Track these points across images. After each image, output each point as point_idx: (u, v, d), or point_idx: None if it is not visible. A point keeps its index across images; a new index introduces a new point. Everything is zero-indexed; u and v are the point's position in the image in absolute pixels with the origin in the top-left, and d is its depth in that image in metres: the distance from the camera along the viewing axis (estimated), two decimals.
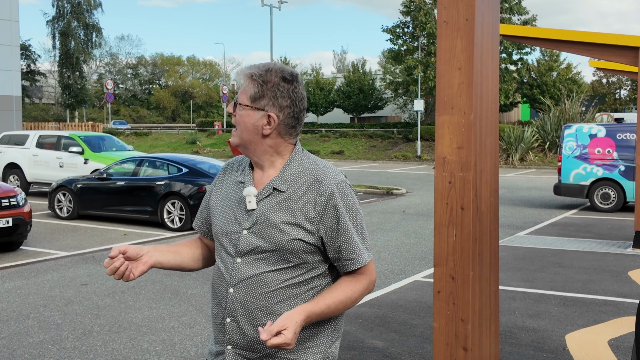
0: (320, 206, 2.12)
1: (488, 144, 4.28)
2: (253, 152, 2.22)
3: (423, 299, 7.48)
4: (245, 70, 2.20)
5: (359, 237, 2.19)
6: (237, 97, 2.21)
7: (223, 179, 2.38)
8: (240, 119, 2.19)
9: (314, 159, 2.25)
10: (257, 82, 2.16)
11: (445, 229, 4.13)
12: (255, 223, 2.15)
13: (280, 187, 2.15)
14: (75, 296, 7.75)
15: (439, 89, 4.15)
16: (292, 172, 2.18)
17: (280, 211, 2.13)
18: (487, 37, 4.24)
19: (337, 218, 2.12)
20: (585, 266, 9.22)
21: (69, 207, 14.07)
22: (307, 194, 2.14)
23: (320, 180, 2.15)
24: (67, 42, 49.09)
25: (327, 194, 2.12)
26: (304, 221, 2.11)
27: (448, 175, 4.10)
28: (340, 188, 2.15)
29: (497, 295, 4.56)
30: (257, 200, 2.17)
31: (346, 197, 2.16)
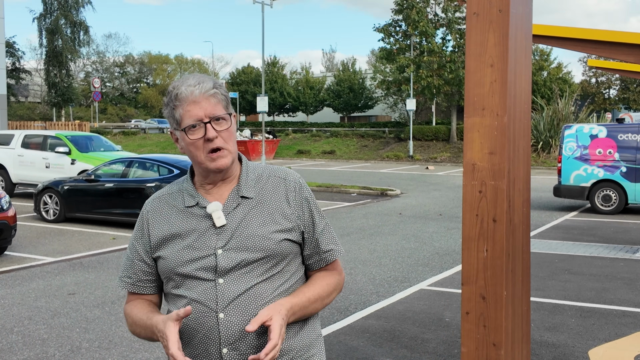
0: (294, 201, 2.09)
1: (521, 149, 3.89)
2: (233, 166, 2.11)
3: (432, 309, 7.08)
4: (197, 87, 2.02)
5: (332, 228, 2.21)
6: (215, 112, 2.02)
7: (156, 216, 2.13)
8: (230, 131, 2.06)
9: (260, 164, 2.22)
10: (217, 91, 2.06)
11: (475, 243, 3.74)
12: (231, 238, 2.00)
13: (248, 194, 2.06)
14: (62, 307, 7.30)
15: (468, 88, 3.75)
16: (252, 177, 2.12)
17: (257, 217, 2.04)
18: (521, 30, 3.84)
19: (310, 210, 2.12)
20: (596, 273, 8.87)
21: (56, 209, 13.59)
22: (277, 193, 2.09)
23: (284, 177, 2.13)
24: (54, 39, 48.33)
25: (297, 188, 2.12)
26: (284, 220, 2.05)
27: (478, 183, 3.71)
28: (303, 182, 2.18)
29: (528, 315, 4.17)
30: (225, 214, 2.02)
31: (309, 191, 2.18)
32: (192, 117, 1.97)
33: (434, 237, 11.91)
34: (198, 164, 2.02)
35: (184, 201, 2.07)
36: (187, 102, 1.97)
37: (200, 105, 1.97)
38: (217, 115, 2.00)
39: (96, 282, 8.47)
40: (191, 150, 2.00)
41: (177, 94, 1.99)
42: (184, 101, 1.98)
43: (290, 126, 49.66)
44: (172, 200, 2.11)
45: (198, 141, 1.98)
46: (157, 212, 2.12)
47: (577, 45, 7.88)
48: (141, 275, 2.13)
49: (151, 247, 2.09)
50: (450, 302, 7.40)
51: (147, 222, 2.11)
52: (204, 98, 1.97)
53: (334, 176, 24.73)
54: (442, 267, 9.35)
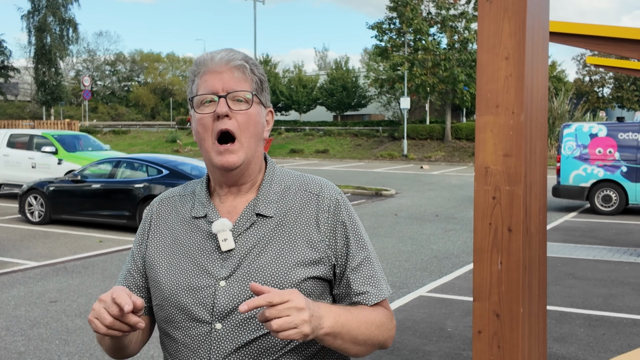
0: (325, 225, 1.58)
1: (538, 150, 3.51)
2: (250, 169, 1.62)
3: (432, 318, 6.72)
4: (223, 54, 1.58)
5: (374, 262, 1.65)
6: (235, 88, 1.56)
7: (160, 222, 1.70)
8: (251, 119, 1.58)
9: (293, 171, 1.71)
10: (246, 65, 1.59)
11: (487, 255, 3.36)
12: (238, 268, 1.53)
13: (266, 211, 1.58)
14: (43, 316, 6.91)
15: (479, 83, 3.37)
16: (277, 189, 1.62)
17: (274, 244, 1.54)
18: (538, 19, 3.47)
19: (345, 237, 1.60)
20: (601, 277, 8.53)
21: (41, 211, 13.17)
22: (305, 212, 1.59)
23: (318, 193, 1.61)
24: (42, 37, 47.71)
25: (332, 208, 1.60)
26: (309, 250, 1.54)
27: (492, 189, 3.32)
28: (343, 200, 1.64)
29: (545, 334, 3.81)
30: (235, 236, 1.55)
31: (351, 212, 1.65)
32: (207, 88, 1.55)
33: (431, 240, 11.56)
34: (205, 154, 1.57)
35: (192, 209, 1.64)
36: (206, 70, 1.56)
37: (220, 76, 1.54)
38: (238, 91, 1.55)
39: (80, 289, 8.08)
40: (199, 132, 1.56)
41: (198, 59, 1.60)
42: (203, 67, 1.57)
43: (283, 125, 49.26)
44: (182, 205, 1.68)
45: (206, 117, 1.54)
46: (162, 216, 1.70)
47: (596, 43, 7.48)
48: (134, 290, 1.69)
49: (143, 263, 1.68)
50: (452, 310, 7.04)
51: (149, 227, 1.71)
52: (226, 68, 1.55)
53: (327, 176, 24.37)
54: (441, 271, 9.00)
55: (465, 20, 34.87)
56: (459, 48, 34.53)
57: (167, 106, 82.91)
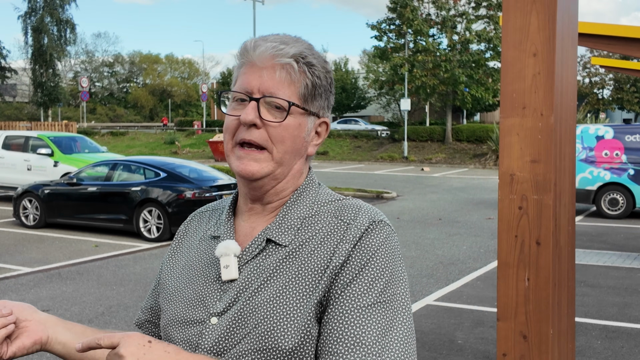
0: (339, 258, 1.19)
1: (567, 156, 3.23)
2: (279, 187, 1.30)
3: (441, 329, 6.43)
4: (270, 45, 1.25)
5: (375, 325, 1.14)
6: (275, 90, 1.24)
7: (183, 239, 1.46)
8: (287, 133, 1.26)
9: (334, 194, 1.34)
10: (295, 65, 1.25)
11: (513, 271, 3.09)
12: (234, 303, 1.23)
13: (280, 238, 1.25)
14: None
15: (504, 83, 3.08)
16: (302, 213, 1.29)
17: (278, 278, 1.22)
18: (568, 12, 3.18)
19: (351, 278, 1.17)
20: (614, 285, 8.25)
21: (36, 214, 12.87)
22: (326, 243, 1.23)
23: (349, 222, 1.24)
24: (39, 38, 47.34)
25: (357, 238, 1.21)
26: (317, 288, 1.19)
27: (518, 198, 3.05)
28: (379, 231, 1.22)
29: (574, 356, 3.53)
30: (241, 264, 1.26)
31: (383, 248, 1.20)
32: (243, 85, 1.27)
33: (435, 244, 11.27)
34: (226, 157, 1.32)
35: (215, 226, 1.38)
36: (247, 61, 1.28)
37: (259, 73, 1.25)
38: (277, 96, 1.24)
39: (74, 297, 7.79)
40: (224, 131, 1.32)
41: (242, 45, 1.30)
42: (245, 57, 1.28)
43: None
44: (208, 221, 1.43)
45: (233, 121, 1.27)
46: (188, 233, 1.46)
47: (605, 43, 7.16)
48: (149, 309, 1.49)
49: (160, 281, 1.45)
50: (461, 321, 6.75)
51: (173, 244, 1.48)
52: (269, 64, 1.25)
53: (327, 178, 24.06)
54: (448, 278, 8.70)
55: (465, 20, 34.59)
56: (460, 49, 34.25)
57: (165, 107, 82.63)
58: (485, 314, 6.96)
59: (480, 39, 33.74)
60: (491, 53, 34.59)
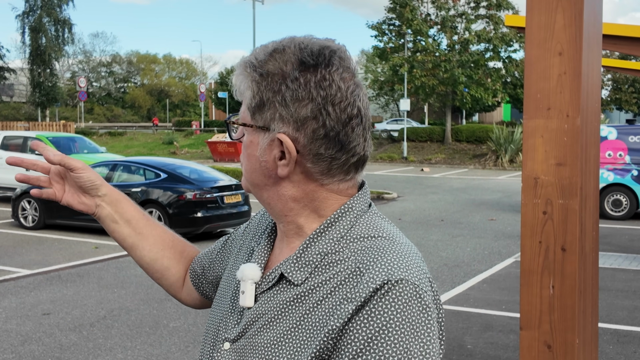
0: (338, 319, 0.99)
1: (592, 159, 3.11)
2: (269, 207, 1.16)
3: (450, 334, 6.32)
4: (244, 58, 1.14)
5: None
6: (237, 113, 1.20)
7: (243, 237, 1.34)
8: (244, 150, 1.16)
9: (380, 226, 1.10)
10: (255, 78, 1.09)
11: (537, 278, 2.97)
12: (244, 333, 1.11)
13: (292, 275, 1.08)
14: (35, 331, 6.50)
15: (528, 83, 2.97)
16: (322, 249, 1.07)
17: (283, 321, 1.06)
18: (593, 10, 3.08)
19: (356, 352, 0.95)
20: (622, 288, 8.15)
21: (35, 215, 12.74)
22: (337, 292, 1.02)
23: (363, 271, 1.01)
24: (37, 38, 47.17)
25: (362, 297, 0.97)
26: (326, 345, 0.99)
27: (542, 202, 2.93)
28: (394, 295, 0.96)
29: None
30: (257, 293, 1.13)
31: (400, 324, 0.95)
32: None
33: (439, 246, 11.16)
34: None
35: (258, 238, 1.27)
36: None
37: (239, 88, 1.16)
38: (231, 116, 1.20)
39: (74, 300, 7.67)
40: None
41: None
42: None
43: None
44: (259, 229, 1.30)
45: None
46: (249, 231, 1.34)
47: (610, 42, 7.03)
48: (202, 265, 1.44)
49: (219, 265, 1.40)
50: (469, 325, 6.64)
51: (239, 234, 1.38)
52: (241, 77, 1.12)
53: None
54: (454, 281, 8.60)
55: (465, 21, 34.51)
56: (459, 49, 34.17)
57: (163, 107, 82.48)
58: (493, 318, 6.86)
59: (479, 39, 33.66)
60: (491, 53, 34.51)
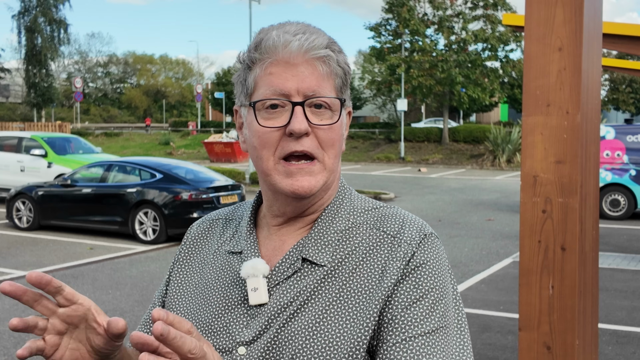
0: (392, 278, 1.04)
1: (592, 156, 3.05)
2: (325, 196, 1.15)
3: None
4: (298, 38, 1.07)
5: (442, 352, 1.01)
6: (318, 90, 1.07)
7: (192, 251, 1.25)
8: (336, 135, 1.11)
9: (371, 201, 1.19)
10: (333, 55, 1.09)
11: (536, 278, 2.92)
12: (265, 331, 1.06)
13: (317, 257, 1.09)
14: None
15: (527, 79, 2.92)
16: (340, 226, 1.12)
17: (317, 301, 1.05)
18: (593, 5, 3.03)
19: (407, 302, 1.03)
20: (621, 288, 8.10)
21: (29, 216, 12.65)
22: (370, 259, 1.07)
23: (395, 234, 1.09)
24: (33, 38, 47.01)
25: (409, 256, 1.06)
26: (369, 317, 1.03)
27: (541, 201, 2.88)
28: (432, 246, 1.09)
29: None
30: (270, 286, 1.09)
31: (439, 266, 1.07)
32: (275, 86, 1.07)
33: None
34: (264, 176, 1.12)
35: (232, 240, 1.19)
36: (274, 59, 1.07)
37: (295, 71, 1.06)
38: (321, 95, 1.07)
39: None
40: (256, 147, 1.10)
41: (261, 40, 1.09)
42: (269, 55, 1.08)
43: None
44: (222, 233, 1.23)
45: (272, 133, 1.08)
46: (197, 244, 1.25)
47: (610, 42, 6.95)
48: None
49: (165, 302, 1.24)
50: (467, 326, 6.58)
51: (178, 257, 1.27)
52: (304, 60, 1.06)
53: None
54: None
55: (462, 20, 34.47)
56: (457, 49, 34.13)
57: (159, 108, 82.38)
58: (491, 319, 6.79)
59: (476, 38, 33.61)
60: (488, 53, 34.48)
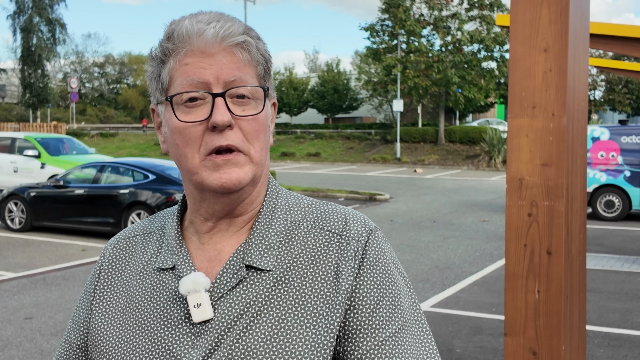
0: (348, 280, 1.01)
1: (579, 159, 3.02)
2: (254, 193, 1.08)
3: (438, 337, 6.21)
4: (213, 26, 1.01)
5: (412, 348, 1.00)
6: (239, 78, 1.01)
7: (111, 274, 1.15)
8: (261, 125, 1.05)
9: (303, 198, 1.15)
10: (251, 40, 1.04)
11: (522, 282, 2.89)
12: (216, 349, 0.98)
13: (262, 263, 1.03)
14: (16, 336, 6.36)
15: (512, 81, 2.88)
16: (280, 227, 1.07)
17: (270, 311, 1.00)
18: (580, 6, 2.99)
19: (376, 298, 1.01)
20: (614, 290, 8.06)
21: (22, 217, 12.59)
22: (320, 262, 1.03)
23: (340, 232, 1.05)
24: (28, 38, 46.83)
25: (360, 253, 1.03)
26: (325, 324, 0.99)
27: (527, 204, 2.85)
28: (377, 241, 1.06)
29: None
30: (214, 300, 1.02)
31: (389, 262, 1.05)
32: (192, 77, 1.00)
33: (430, 248, 11.06)
34: (189, 175, 1.04)
35: (158, 256, 1.11)
36: (189, 49, 1.01)
37: (212, 60, 1.00)
38: (243, 83, 1.02)
39: (58, 304, 7.54)
40: (178, 145, 1.03)
41: (173, 30, 1.03)
42: (183, 44, 1.02)
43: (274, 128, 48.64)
44: (144, 250, 1.14)
45: (194, 128, 1.01)
46: (116, 266, 1.16)
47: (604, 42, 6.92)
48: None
49: (89, 332, 1.13)
50: (459, 328, 6.54)
51: (97, 282, 1.17)
52: (221, 48, 1.00)
53: (320, 180, 23.84)
54: (444, 283, 8.50)
55: (458, 21, 34.44)
56: (452, 50, 34.10)
57: None
58: (483, 321, 6.76)
59: (472, 39, 33.59)
60: (484, 53, 34.46)
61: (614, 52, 9.91)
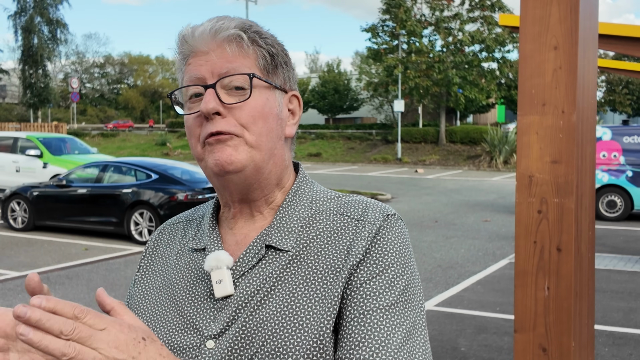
0: (357, 256, 1.04)
1: (588, 156, 3.02)
2: (264, 178, 1.11)
3: (443, 336, 6.22)
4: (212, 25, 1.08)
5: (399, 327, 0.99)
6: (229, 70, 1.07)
7: (155, 255, 1.24)
8: (256, 112, 1.08)
9: (332, 191, 1.19)
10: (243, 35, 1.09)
11: (532, 279, 2.88)
12: (233, 322, 1.04)
13: (281, 244, 1.08)
14: None
15: (522, 78, 2.88)
16: (303, 213, 1.12)
17: (283, 286, 1.05)
18: (589, 5, 2.99)
19: (375, 272, 1.03)
20: (617, 289, 8.07)
21: (24, 217, 12.60)
22: (335, 242, 1.07)
23: (358, 218, 1.09)
24: (29, 38, 46.83)
25: (373, 235, 1.06)
26: (334, 298, 1.02)
27: (537, 201, 2.84)
28: (394, 225, 1.08)
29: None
30: (236, 277, 1.07)
31: (401, 243, 1.06)
32: (192, 74, 1.09)
33: (433, 247, 11.08)
34: (199, 163, 1.12)
35: (194, 238, 1.19)
36: (191, 51, 1.10)
37: (206, 57, 1.08)
38: (232, 71, 1.07)
39: None
40: (188, 137, 1.13)
41: (177, 39, 1.12)
42: (185, 48, 1.11)
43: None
44: (184, 234, 1.23)
45: (194, 120, 1.09)
46: (159, 248, 1.24)
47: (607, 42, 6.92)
48: None
49: (130, 305, 1.20)
50: (463, 327, 6.55)
51: (142, 261, 1.26)
52: (215, 44, 1.07)
53: (321, 180, 23.87)
54: (447, 282, 8.51)
55: (459, 21, 34.46)
56: (453, 50, 34.12)
57: (156, 109, 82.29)
58: (487, 320, 6.77)
59: (473, 40, 33.62)
60: (485, 54, 34.47)
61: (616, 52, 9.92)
